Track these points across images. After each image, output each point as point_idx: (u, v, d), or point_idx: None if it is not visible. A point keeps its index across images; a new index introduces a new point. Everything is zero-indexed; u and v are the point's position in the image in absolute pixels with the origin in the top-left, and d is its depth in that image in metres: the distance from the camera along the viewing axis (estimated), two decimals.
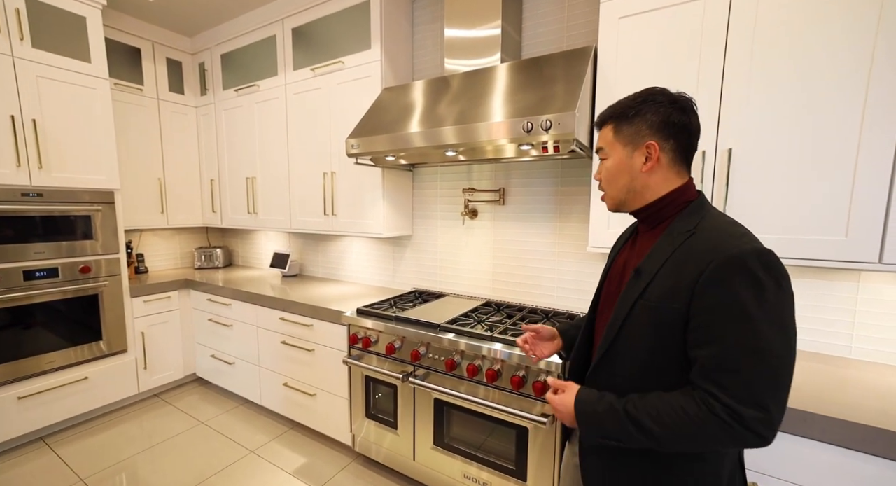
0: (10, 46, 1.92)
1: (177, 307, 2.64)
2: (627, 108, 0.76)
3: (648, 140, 0.74)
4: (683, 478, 0.71)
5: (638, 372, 0.73)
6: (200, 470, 1.86)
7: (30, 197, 1.99)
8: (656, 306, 0.70)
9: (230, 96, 2.65)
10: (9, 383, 1.95)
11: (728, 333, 0.62)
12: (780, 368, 0.61)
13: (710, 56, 1.21)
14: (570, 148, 1.31)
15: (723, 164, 1.22)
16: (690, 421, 0.63)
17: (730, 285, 0.63)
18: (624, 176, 0.77)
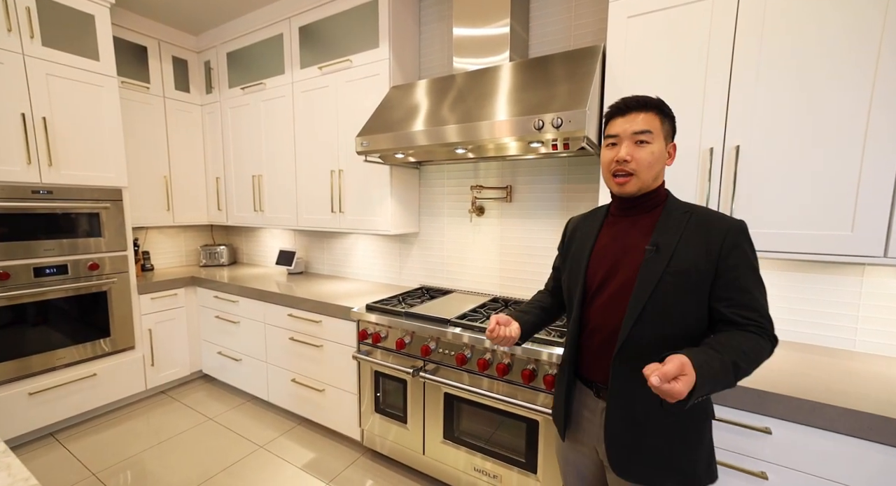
0: (21, 45, 1.93)
1: (183, 305, 2.65)
2: (666, 107, 0.88)
3: (671, 141, 0.90)
4: (700, 434, 0.87)
5: (670, 332, 0.83)
6: (210, 465, 1.88)
7: (40, 194, 2.00)
8: (686, 269, 0.82)
9: (236, 94, 2.66)
10: (19, 379, 1.96)
11: (750, 279, 0.81)
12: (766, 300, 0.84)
13: (719, 54, 1.23)
14: (580, 145, 1.32)
15: (730, 161, 1.24)
16: (763, 348, 0.78)
17: (744, 248, 0.82)
18: (659, 164, 0.87)
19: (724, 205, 1.25)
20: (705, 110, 1.26)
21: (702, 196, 1.28)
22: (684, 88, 1.29)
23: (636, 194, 0.89)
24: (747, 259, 0.82)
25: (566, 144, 1.35)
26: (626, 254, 0.88)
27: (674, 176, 1.31)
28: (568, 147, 1.37)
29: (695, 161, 1.29)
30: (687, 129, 1.29)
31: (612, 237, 0.92)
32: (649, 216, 0.89)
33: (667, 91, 1.31)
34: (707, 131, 1.27)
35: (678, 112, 1.29)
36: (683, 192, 1.31)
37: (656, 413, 0.85)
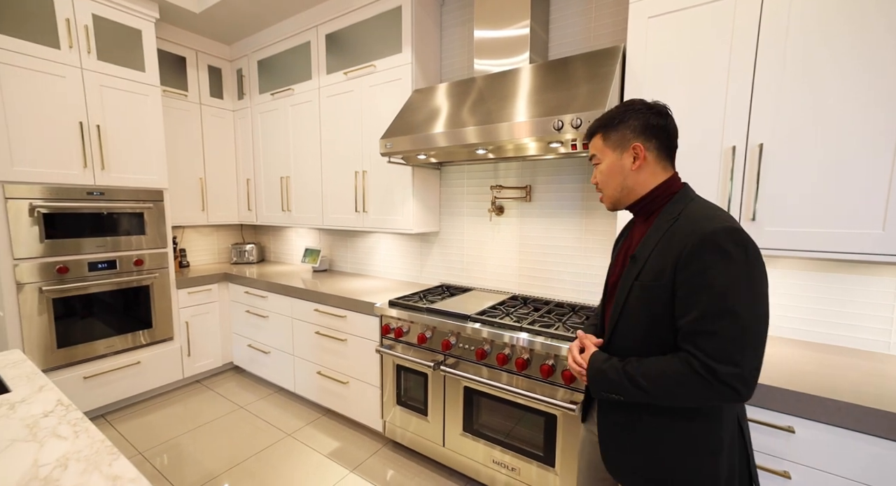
0: (80, 59, 2.12)
1: (216, 300, 2.80)
2: (612, 117, 0.87)
3: (634, 142, 0.84)
4: (683, 436, 0.80)
5: (640, 345, 0.82)
6: (241, 450, 1.99)
7: (93, 195, 2.17)
8: (648, 285, 0.79)
9: (266, 100, 2.80)
10: (76, 364, 2.15)
11: (703, 300, 0.71)
12: (749, 328, 0.70)
13: (742, 52, 1.22)
14: None
15: (754, 159, 1.23)
16: (675, 378, 0.73)
17: (703, 259, 0.72)
18: (617, 176, 0.87)
19: (747, 203, 1.25)
20: (728, 109, 1.26)
21: (724, 195, 1.28)
22: (706, 87, 1.29)
23: (617, 207, 0.92)
24: (705, 271, 0.71)
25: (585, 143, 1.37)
26: (624, 263, 0.91)
27: (694, 175, 1.32)
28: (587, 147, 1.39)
29: (716, 160, 1.29)
30: (708, 127, 1.29)
31: (626, 247, 0.95)
32: (647, 223, 0.88)
33: (687, 90, 1.32)
34: (729, 130, 1.26)
35: (699, 111, 1.30)
36: (704, 191, 1.31)
37: (640, 420, 0.84)
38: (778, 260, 1.45)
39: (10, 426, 0.81)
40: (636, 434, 0.84)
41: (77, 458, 0.70)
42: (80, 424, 0.81)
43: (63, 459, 0.70)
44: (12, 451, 0.73)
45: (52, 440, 0.76)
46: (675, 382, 0.73)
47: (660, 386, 0.75)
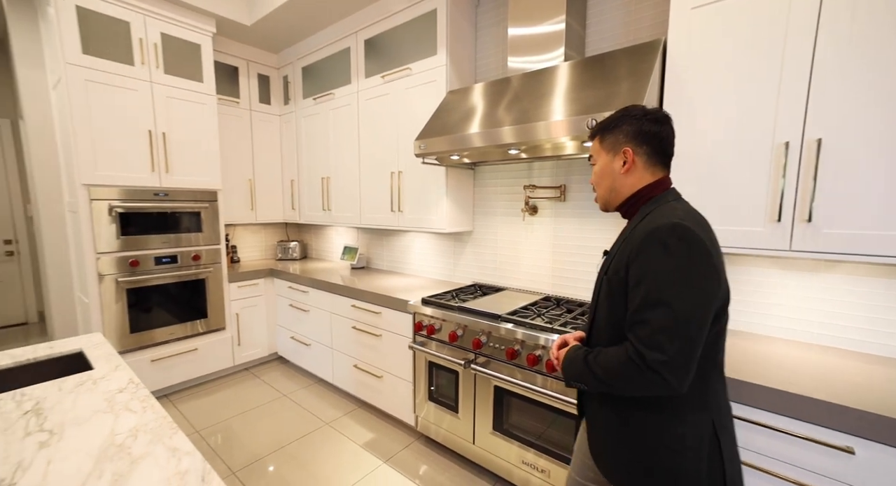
0: (150, 74, 2.35)
1: (262, 293, 3.00)
2: (609, 122, 0.91)
3: (625, 146, 0.87)
4: (640, 429, 0.83)
5: (608, 338, 0.87)
6: (285, 434, 2.13)
7: (159, 196, 2.41)
8: (611, 278, 0.85)
9: (309, 104, 2.95)
10: (144, 348, 2.39)
11: (642, 290, 0.76)
12: (680, 319, 0.72)
13: (798, 41, 1.14)
14: None
15: (810, 155, 1.14)
16: (619, 366, 0.77)
17: (647, 253, 0.77)
18: (607, 178, 0.91)
19: (802, 203, 1.16)
20: (780, 103, 1.18)
21: (775, 193, 1.20)
22: (755, 80, 1.21)
23: (607, 207, 0.95)
24: (646, 264, 0.76)
25: None
26: None
27: (739, 172, 1.24)
28: None
29: (766, 156, 1.21)
30: (756, 122, 1.21)
31: None
32: (629, 224, 0.91)
33: (734, 84, 1.24)
34: (782, 125, 1.18)
35: (747, 106, 1.22)
36: (752, 189, 1.24)
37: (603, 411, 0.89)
38: (837, 265, 1.33)
39: (93, 399, 0.93)
40: (601, 424, 0.90)
41: (144, 430, 0.80)
42: (147, 401, 0.91)
43: (134, 430, 0.80)
44: (95, 420, 0.84)
45: (125, 413, 0.86)
46: (617, 369, 0.78)
47: (609, 375, 0.79)
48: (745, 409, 1.09)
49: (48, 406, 0.90)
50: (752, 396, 1.07)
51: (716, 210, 1.30)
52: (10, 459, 0.72)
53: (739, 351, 1.30)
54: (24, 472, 0.68)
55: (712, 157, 1.30)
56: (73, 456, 0.72)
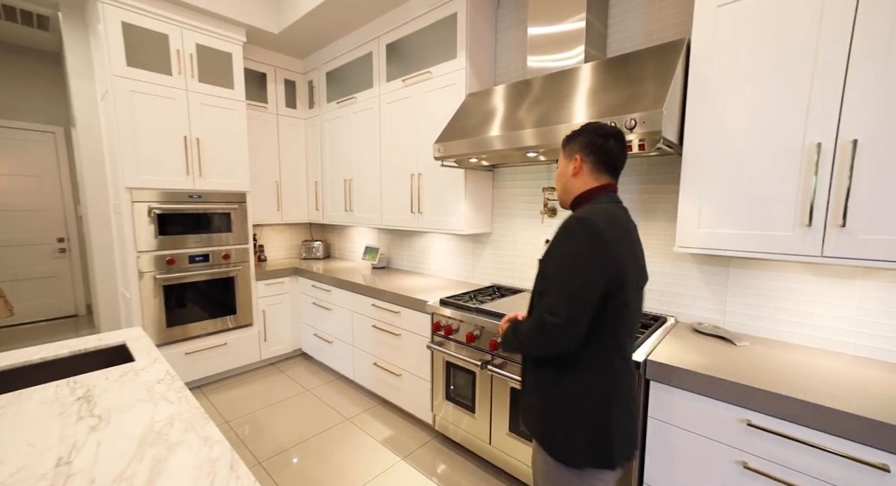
0: (186, 83, 2.48)
1: (288, 291, 3.11)
2: (572, 133, 1.08)
3: (576, 154, 1.04)
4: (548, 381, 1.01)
5: None
6: (307, 428, 2.21)
7: (193, 198, 2.55)
8: (542, 261, 1.02)
9: (332, 108, 3.03)
10: (179, 341, 2.54)
11: (548, 268, 0.97)
12: (566, 286, 0.91)
13: (833, 38, 1.09)
14: (657, 146, 1.28)
15: (844, 157, 1.09)
16: (529, 330, 0.97)
17: (557, 239, 0.97)
18: (561, 179, 1.09)
19: (835, 207, 1.11)
20: (812, 102, 1.13)
21: (805, 196, 1.15)
22: (784, 80, 1.17)
23: (564, 205, 1.12)
24: (553, 251, 0.97)
25: (641, 144, 1.32)
26: None
27: (766, 174, 1.20)
28: (644, 148, 1.33)
29: (796, 158, 1.16)
30: (786, 123, 1.17)
31: None
32: None
33: (761, 84, 1.20)
34: (813, 125, 1.13)
35: (776, 106, 1.18)
36: (779, 192, 1.19)
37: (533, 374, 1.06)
38: (875, 273, 1.26)
39: (135, 388, 1.01)
40: (525, 388, 1.09)
41: (180, 419, 0.86)
42: (182, 392, 0.98)
43: (171, 419, 0.86)
44: (137, 408, 0.91)
45: (163, 403, 0.93)
46: (528, 333, 0.97)
47: (524, 338, 0.99)
48: (772, 421, 1.05)
49: (97, 394, 0.98)
50: (779, 407, 1.03)
51: (744, 213, 1.26)
52: (67, 440, 0.79)
53: (768, 360, 1.26)
54: (77, 452, 0.75)
55: (740, 158, 1.26)
56: (118, 440, 0.79)
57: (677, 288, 1.68)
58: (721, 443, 1.14)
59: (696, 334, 1.50)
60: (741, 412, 1.10)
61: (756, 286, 1.48)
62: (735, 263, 1.53)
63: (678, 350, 1.32)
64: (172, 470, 0.70)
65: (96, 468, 0.71)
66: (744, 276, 1.50)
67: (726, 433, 1.13)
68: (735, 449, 1.12)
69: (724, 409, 1.13)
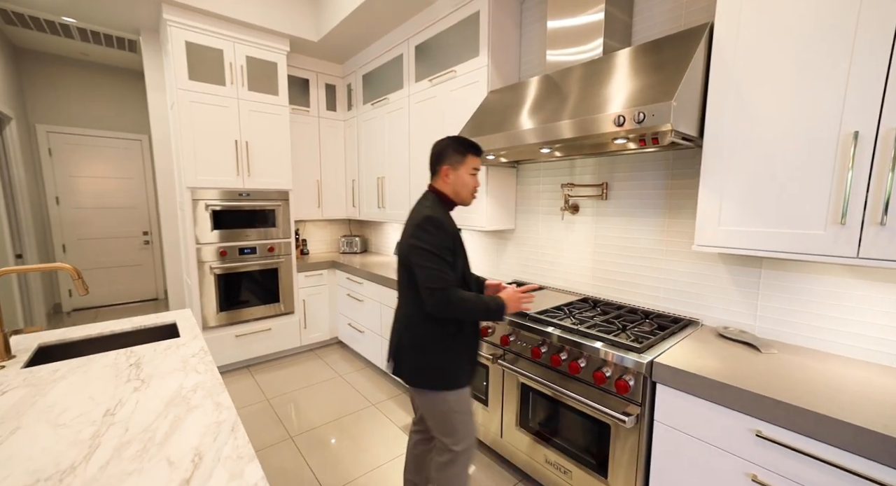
0: (237, 92, 2.75)
1: (326, 283, 3.33)
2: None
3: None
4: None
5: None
6: (338, 410, 2.37)
7: (243, 196, 2.82)
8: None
9: (368, 109, 3.18)
10: (230, 325, 2.84)
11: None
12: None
13: (875, 17, 0.97)
14: (669, 140, 1.22)
15: (887, 148, 0.97)
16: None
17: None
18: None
19: (874, 202, 1.00)
20: (850, 87, 1.02)
21: (839, 189, 1.04)
22: (816, 62, 1.06)
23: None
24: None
25: (655, 138, 1.26)
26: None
27: (796, 166, 1.10)
28: (657, 142, 1.28)
29: (830, 149, 1.05)
30: (818, 112, 1.07)
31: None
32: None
33: (791, 68, 1.10)
34: (851, 113, 1.02)
35: (805, 93, 1.09)
36: (807, 183, 1.09)
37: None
38: None
39: (174, 360, 1.18)
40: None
41: (202, 387, 1.00)
42: (210, 365, 1.13)
43: (195, 386, 1.01)
44: (172, 375, 1.07)
45: (192, 373, 1.08)
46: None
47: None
48: (785, 433, 0.98)
49: (145, 362, 1.17)
50: (791, 419, 0.96)
51: (769, 209, 1.17)
52: (115, 396, 0.96)
53: (795, 369, 1.16)
54: (121, 406, 0.91)
55: (765, 150, 1.17)
56: (152, 400, 0.94)
57: (703, 289, 1.58)
58: (730, 453, 1.08)
59: (720, 339, 1.40)
60: (751, 421, 1.03)
61: (791, 289, 1.36)
62: (767, 263, 1.41)
63: (692, 354, 1.26)
64: (187, 427, 0.82)
65: (131, 420, 0.85)
66: (777, 278, 1.38)
67: (735, 443, 1.06)
68: (744, 461, 1.05)
69: (733, 417, 1.06)
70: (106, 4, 2.53)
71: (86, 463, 0.71)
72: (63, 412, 0.89)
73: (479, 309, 1.21)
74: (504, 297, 1.28)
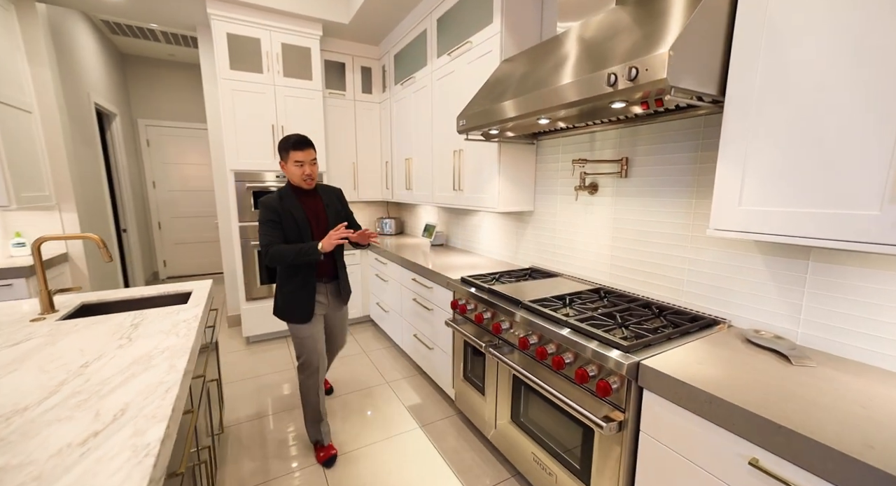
0: (273, 78, 2.90)
1: (359, 263, 3.44)
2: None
3: None
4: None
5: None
6: (353, 384, 2.47)
7: (278, 178, 3.00)
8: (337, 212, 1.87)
9: (398, 90, 3.15)
10: (269, 297, 3.08)
11: None
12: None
13: None
14: (680, 101, 1.00)
15: None
16: None
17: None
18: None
19: None
20: None
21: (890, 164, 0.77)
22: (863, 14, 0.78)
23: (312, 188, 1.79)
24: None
25: (659, 100, 1.04)
26: (318, 214, 1.79)
27: (844, 125, 0.84)
28: (661, 104, 1.05)
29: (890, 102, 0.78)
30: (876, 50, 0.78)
31: (309, 207, 1.78)
32: (316, 196, 1.83)
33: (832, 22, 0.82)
34: None
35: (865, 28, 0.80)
36: (861, 151, 0.82)
37: None
38: None
39: (167, 323, 1.30)
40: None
41: (171, 350, 1.08)
42: (191, 331, 1.22)
43: (165, 349, 1.09)
44: (155, 337, 1.18)
45: (172, 337, 1.18)
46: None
47: None
48: (785, 465, 0.77)
49: (145, 323, 1.30)
50: (793, 449, 0.75)
51: (806, 183, 0.90)
52: (100, 351, 1.08)
53: (827, 386, 0.91)
54: (98, 360, 1.02)
55: (806, 106, 0.90)
56: (125, 357, 1.04)
57: (735, 284, 1.31)
58: (720, 480, 0.89)
59: (745, 345, 1.16)
60: (747, 446, 0.83)
61: (847, 288, 1.06)
62: (817, 254, 1.11)
63: (697, 360, 1.05)
64: (134, 384, 0.89)
65: (97, 373, 0.95)
66: (830, 273, 1.09)
67: (726, 471, 0.87)
68: None
69: (725, 439, 0.87)
70: (167, 6, 2.80)
71: (37, 406, 0.81)
72: (53, 361, 1.02)
73: (294, 252, 1.62)
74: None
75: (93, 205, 3.37)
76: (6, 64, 2.37)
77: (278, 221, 1.67)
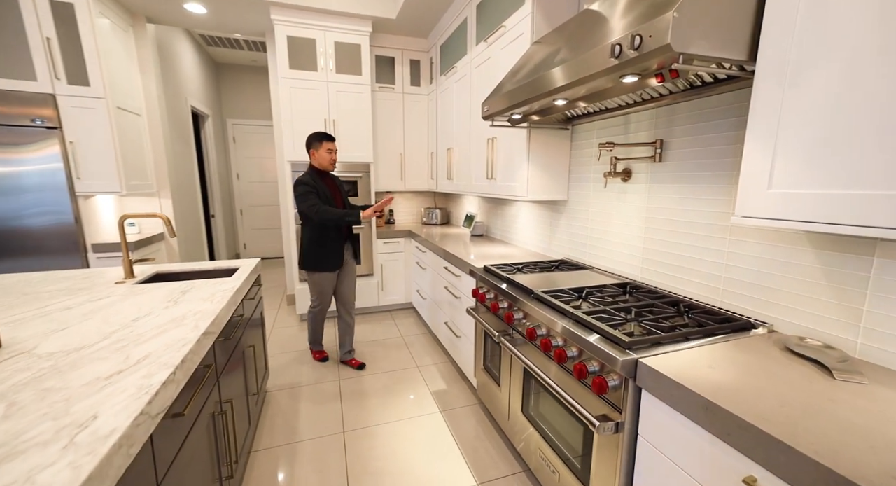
0: (326, 75, 3.11)
1: (403, 250, 3.57)
2: None
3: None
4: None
5: None
6: (391, 365, 2.60)
7: None
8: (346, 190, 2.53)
9: (443, 81, 3.17)
10: None
11: None
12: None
13: None
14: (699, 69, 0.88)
15: None
16: None
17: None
18: None
19: None
20: None
21: None
22: None
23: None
24: None
25: (673, 70, 0.93)
26: (335, 191, 2.40)
27: None
28: (677, 74, 0.94)
29: None
30: None
31: (329, 185, 2.39)
32: (331, 178, 2.43)
33: None
34: None
35: None
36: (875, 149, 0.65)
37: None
38: None
39: (208, 292, 1.49)
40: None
41: (201, 314, 1.25)
42: (222, 300, 1.39)
43: (196, 313, 1.26)
44: (194, 303, 1.36)
45: (206, 303, 1.35)
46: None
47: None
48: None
49: (193, 291, 1.51)
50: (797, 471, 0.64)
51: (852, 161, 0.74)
52: (150, 310, 1.28)
53: (871, 407, 0.75)
54: (146, 317, 1.22)
55: (853, 70, 0.74)
56: (164, 316, 1.22)
57: (781, 283, 1.12)
58: None
59: (783, 353, 1.00)
60: (744, 462, 0.73)
61: None
62: (883, 249, 0.91)
63: (706, 362, 0.94)
64: (163, 338, 1.05)
65: (141, 327, 1.13)
66: None
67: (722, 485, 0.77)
68: None
69: (722, 452, 0.77)
70: (240, 17, 3.14)
71: (91, 347, 0.99)
72: (116, 314, 1.24)
73: (341, 214, 2.21)
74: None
75: (186, 193, 3.94)
76: (124, 76, 2.86)
77: (316, 192, 2.25)
